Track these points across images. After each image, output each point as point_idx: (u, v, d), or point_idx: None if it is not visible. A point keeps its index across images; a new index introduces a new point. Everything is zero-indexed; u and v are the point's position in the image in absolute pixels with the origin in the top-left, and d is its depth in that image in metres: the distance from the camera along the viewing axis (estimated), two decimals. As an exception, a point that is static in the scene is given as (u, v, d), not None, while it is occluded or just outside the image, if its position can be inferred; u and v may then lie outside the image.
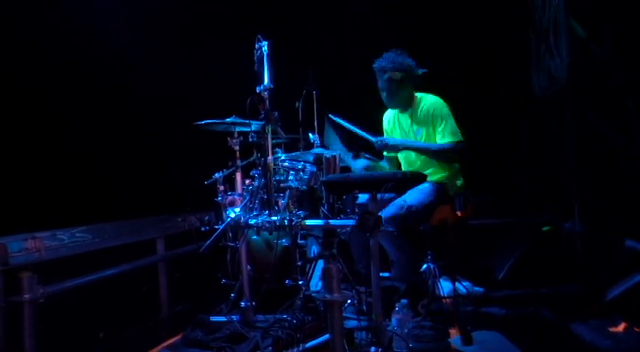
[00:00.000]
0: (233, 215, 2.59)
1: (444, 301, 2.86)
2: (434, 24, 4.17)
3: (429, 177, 2.96)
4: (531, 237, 3.31)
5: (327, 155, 2.61)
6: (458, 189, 3.11)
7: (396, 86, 3.06)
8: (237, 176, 3.07)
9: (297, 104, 3.23)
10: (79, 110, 3.67)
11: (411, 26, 4.07)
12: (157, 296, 3.49)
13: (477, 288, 3.10)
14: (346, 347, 2.14)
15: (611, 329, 2.56)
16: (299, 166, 2.74)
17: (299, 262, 3.14)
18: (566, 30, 3.41)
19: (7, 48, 3.29)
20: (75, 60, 3.64)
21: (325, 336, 2.42)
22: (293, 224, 2.41)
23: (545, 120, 3.92)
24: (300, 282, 2.99)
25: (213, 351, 2.59)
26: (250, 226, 2.57)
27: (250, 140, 2.85)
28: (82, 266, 2.84)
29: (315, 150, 2.87)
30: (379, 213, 2.25)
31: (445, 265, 2.89)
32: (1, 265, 2.31)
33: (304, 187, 2.65)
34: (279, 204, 2.59)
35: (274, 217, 2.48)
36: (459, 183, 3.13)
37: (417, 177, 2.52)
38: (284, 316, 2.68)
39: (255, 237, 3.15)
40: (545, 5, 3.79)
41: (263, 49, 2.67)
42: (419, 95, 3.14)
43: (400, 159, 3.28)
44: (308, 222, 2.42)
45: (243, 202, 2.74)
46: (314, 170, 2.68)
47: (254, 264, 3.13)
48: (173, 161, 4.11)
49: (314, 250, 3.22)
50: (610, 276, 2.83)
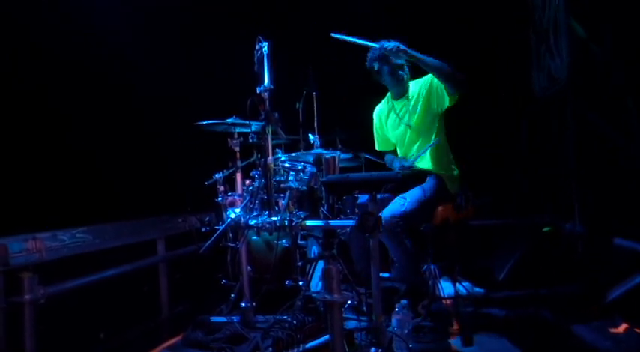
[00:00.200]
0: (233, 215, 2.59)
1: (444, 302, 2.86)
2: (434, 24, 4.17)
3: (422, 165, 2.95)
4: (531, 238, 3.30)
5: (326, 156, 2.61)
6: (455, 180, 3.10)
7: (398, 66, 3.10)
8: (238, 176, 3.07)
9: (297, 105, 3.23)
10: (79, 110, 3.67)
11: (411, 26, 4.06)
12: (157, 296, 3.49)
13: (477, 289, 3.10)
14: (346, 348, 2.15)
15: (612, 329, 2.55)
16: (299, 167, 2.75)
17: (299, 263, 3.15)
18: (566, 30, 3.41)
19: (7, 48, 3.29)
20: (75, 60, 3.64)
21: (325, 337, 2.42)
22: (293, 224, 2.41)
23: (545, 120, 3.92)
24: (300, 283, 3.00)
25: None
26: (250, 227, 2.56)
27: (250, 141, 2.85)
28: (83, 266, 2.84)
29: (315, 150, 2.87)
30: (380, 213, 2.25)
31: (445, 266, 2.90)
32: (2, 266, 2.31)
33: (304, 188, 2.65)
34: (279, 204, 2.59)
35: (274, 218, 2.47)
36: (455, 173, 3.12)
37: (417, 177, 2.52)
38: (284, 317, 2.68)
39: (256, 238, 3.15)
40: (545, 5, 3.79)
41: (263, 49, 2.67)
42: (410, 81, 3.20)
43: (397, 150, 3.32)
44: (308, 223, 2.42)
45: (243, 203, 2.74)
46: (314, 171, 2.69)
47: (254, 264, 3.13)
48: (173, 161, 4.11)
49: (314, 251, 3.22)
50: (610, 277, 2.83)
